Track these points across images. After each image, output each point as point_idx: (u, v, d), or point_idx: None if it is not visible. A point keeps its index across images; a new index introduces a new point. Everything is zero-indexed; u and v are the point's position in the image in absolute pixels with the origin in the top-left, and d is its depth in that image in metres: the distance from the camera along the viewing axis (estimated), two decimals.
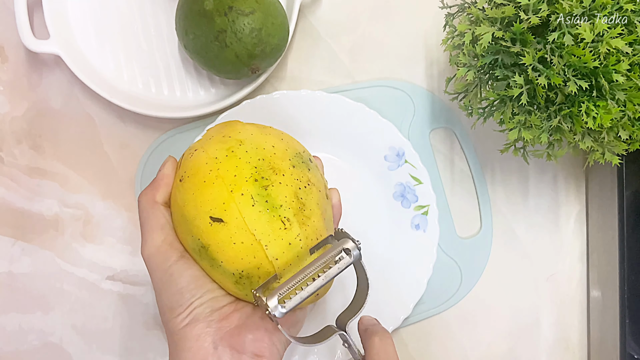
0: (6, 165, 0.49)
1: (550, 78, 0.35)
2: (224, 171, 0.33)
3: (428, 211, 0.47)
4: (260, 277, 0.33)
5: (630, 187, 0.44)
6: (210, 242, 0.33)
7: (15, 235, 0.49)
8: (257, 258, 0.32)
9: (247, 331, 0.33)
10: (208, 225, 0.32)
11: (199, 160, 0.34)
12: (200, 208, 0.33)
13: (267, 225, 0.32)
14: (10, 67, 0.50)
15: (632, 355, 0.43)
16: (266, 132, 0.36)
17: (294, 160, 0.35)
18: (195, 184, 0.33)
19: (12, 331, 0.48)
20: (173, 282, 0.33)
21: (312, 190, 0.35)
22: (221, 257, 0.33)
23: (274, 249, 0.32)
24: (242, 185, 0.32)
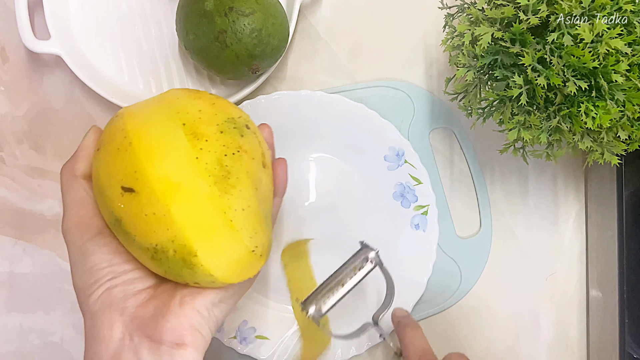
0: (7, 165, 0.49)
1: (549, 78, 0.35)
2: (137, 138, 0.30)
3: (428, 211, 0.47)
4: (176, 250, 0.29)
5: (630, 187, 0.44)
6: (122, 215, 0.30)
7: (16, 235, 0.49)
8: (170, 230, 0.29)
9: (165, 320, 0.30)
10: (120, 195, 0.30)
11: (115, 127, 0.32)
12: (113, 177, 0.30)
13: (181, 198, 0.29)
14: (11, 68, 0.50)
15: (631, 355, 0.43)
16: (196, 97, 0.34)
17: (223, 126, 0.32)
18: (108, 152, 0.31)
19: (13, 331, 0.48)
20: (84, 259, 0.31)
21: (241, 157, 0.32)
22: (134, 231, 0.30)
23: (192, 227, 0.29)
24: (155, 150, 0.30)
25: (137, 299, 0.31)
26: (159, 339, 0.29)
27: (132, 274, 0.31)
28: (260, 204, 0.33)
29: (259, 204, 0.33)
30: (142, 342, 0.29)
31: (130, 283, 0.31)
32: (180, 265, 0.30)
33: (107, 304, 0.30)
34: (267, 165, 0.35)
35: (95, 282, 0.31)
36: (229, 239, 0.30)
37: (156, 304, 0.31)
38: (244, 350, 0.45)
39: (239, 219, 0.31)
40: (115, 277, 0.31)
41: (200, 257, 0.30)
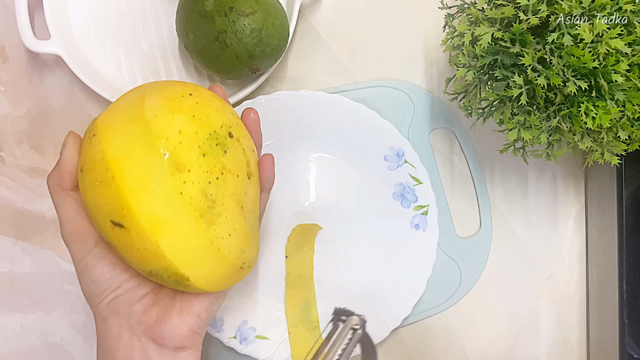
0: (7, 165, 0.49)
1: (549, 78, 0.35)
2: (119, 173, 0.30)
3: (428, 211, 0.47)
4: (170, 275, 0.31)
5: (630, 187, 0.44)
6: (115, 243, 0.31)
7: (16, 235, 0.49)
8: (161, 262, 0.31)
9: (167, 327, 0.33)
10: (110, 227, 0.31)
11: (95, 153, 0.31)
12: (101, 210, 0.31)
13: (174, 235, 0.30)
14: (11, 68, 0.50)
15: (631, 355, 0.43)
16: (173, 110, 0.31)
17: (205, 146, 0.31)
18: (92, 181, 0.31)
19: (13, 331, 0.48)
20: (88, 272, 0.33)
21: (226, 179, 0.32)
22: (129, 258, 0.31)
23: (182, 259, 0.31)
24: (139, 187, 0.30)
25: (141, 305, 0.34)
26: (162, 343, 0.33)
27: (133, 281, 0.34)
28: (246, 220, 0.34)
29: (246, 221, 0.34)
30: (149, 344, 0.33)
31: (134, 290, 0.34)
32: (174, 284, 0.32)
33: (114, 310, 0.33)
34: (253, 172, 0.35)
35: (101, 292, 0.33)
36: (217, 264, 0.32)
37: (158, 310, 0.34)
38: (244, 350, 0.45)
39: (226, 245, 0.32)
40: (118, 287, 0.33)
41: (192, 280, 0.32)
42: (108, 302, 0.33)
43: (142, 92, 0.33)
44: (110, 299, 0.33)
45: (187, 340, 0.34)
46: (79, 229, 0.33)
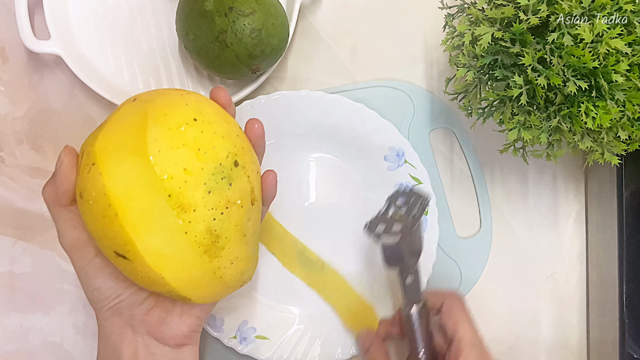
0: (7, 165, 0.49)
1: (549, 78, 0.35)
2: (122, 211, 0.29)
3: (428, 211, 0.47)
4: (172, 295, 0.33)
5: (630, 187, 0.44)
6: (120, 267, 0.32)
7: (16, 235, 0.49)
8: (165, 288, 0.31)
9: (168, 328, 0.35)
10: (114, 256, 0.31)
11: (96, 185, 0.30)
12: (104, 241, 0.31)
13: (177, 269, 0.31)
14: (11, 67, 0.50)
15: (631, 355, 0.43)
16: (177, 144, 0.30)
17: (211, 182, 0.31)
18: (94, 214, 0.30)
19: (12, 331, 0.48)
20: (89, 281, 0.34)
21: (230, 213, 0.31)
22: (133, 279, 0.32)
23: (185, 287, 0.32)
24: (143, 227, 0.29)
25: (143, 307, 0.35)
26: (164, 342, 0.35)
27: (132, 287, 0.35)
28: (247, 245, 0.34)
29: (247, 246, 0.34)
30: (151, 340, 0.35)
31: (135, 294, 0.35)
32: (177, 298, 0.33)
33: (117, 313, 0.34)
34: (257, 197, 0.34)
35: (104, 299, 0.34)
36: (219, 289, 0.34)
37: (159, 312, 0.35)
38: (244, 351, 0.45)
39: (228, 273, 0.33)
40: (121, 294, 0.34)
41: (193, 299, 0.33)
42: (110, 307, 0.34)
43: (144, 114, 0.31)
44: (113, 304, 0.34)
45: (187, 339, 0.36)
46: (78, 241, 0.33)
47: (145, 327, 0.35)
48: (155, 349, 0.35)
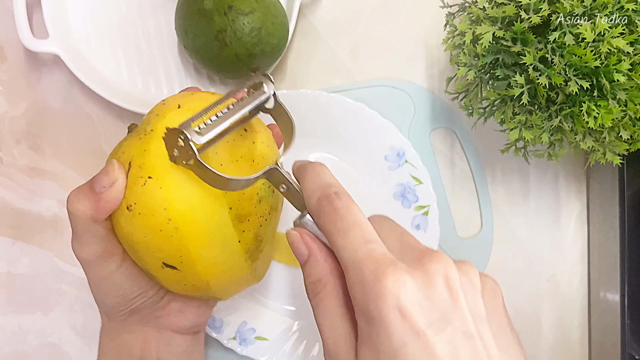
0: (5, 165, 0.49)
1: (551, 78, 0.35)
2: (184, 226, 0.29)
3: (428, 211, 0.47)
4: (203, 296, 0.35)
5: (632, 187, 0.44)
6: (158, 277, 0.32)
7: (14, 236, 0.48)
8: (205, 292, 0.33)
9: (185, 318, 0.36)
10: (159, 267, 0.30)
11: (154, 199, 0.29)
12: (153, 254, 0.30)
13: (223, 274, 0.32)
14: (9, 67, 0.50)
15: (632, 356, 0.43)
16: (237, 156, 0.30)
17: (262, 192, 0.32)
18: (149, 227, 0.29)
19: (11, 331, 0.48)
20: (115, 288, 0.33)
21: (271, 217, 0.33)
22: (167, 286, 0.33)
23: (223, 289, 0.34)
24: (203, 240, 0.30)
25: (161, 305, 0.35)
26: (182, 331, 0.36)
27: (154, 288, 0.35)
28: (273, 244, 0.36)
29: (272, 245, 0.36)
30: (167, 332, 0.35)
31: (154, 296, 0.35)
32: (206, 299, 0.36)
33: (134, 313, 0.34)
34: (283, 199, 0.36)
35: (125, 303, 0.34)
36: (247, 286, 0.36)
37: (178, 305, 0.36)
38: (244, 352, 0.45)
39: (260, 271, 0.36)
40: (143, 297, 0.34)
41: (222, 299, 0.35)
42: (130, 308, 0.34)
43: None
44: (134, 306, 0.34)
45: (202, 325, 0.38)
46: (105, 252, 0.31)
47: (162, 320, 0.35)
48: (172, 340, 0.36)
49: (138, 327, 0.35)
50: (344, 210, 0.26)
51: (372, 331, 0.23)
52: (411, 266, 0.24)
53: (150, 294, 0.34)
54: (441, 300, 0.24)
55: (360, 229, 0.26)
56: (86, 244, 0.31)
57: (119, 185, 0.29)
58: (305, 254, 0.28)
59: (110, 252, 0.32)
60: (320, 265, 0.28)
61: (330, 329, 0.26)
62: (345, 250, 0.25)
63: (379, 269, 0.23)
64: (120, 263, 0.32)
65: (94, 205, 0.29)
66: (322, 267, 0.27)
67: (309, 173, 0.29)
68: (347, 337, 0.25)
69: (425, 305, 0.23)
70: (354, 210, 0.27)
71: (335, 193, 0.27)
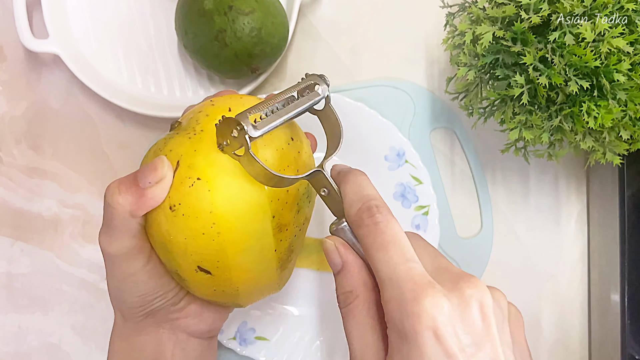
0: (5, 165, 0.49)
1: (551, 78, 0.35)
2: (227, 230, 0.29)
3: (428, 211, 0.47)
4: (226, 304, 0.34)
5: (632, 187, 0.44)
6: (188, 280, 0.31)
7: (14, 236, 0.48)
8: (231, 300, 0.33)
9: (205, 322, 0.35)
10: (193, 271, 0.30)
11: (201, 203, 0.28)
12: (190, 257, 0.29)
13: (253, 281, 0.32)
14: (9, 67, 0.50)
15: (633, 356, 0.43)
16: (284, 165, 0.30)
17: (301, 202, 0.32)
18: (191, 229, 0.29)
19: (11, 331, 0.48)
20: (137, 287, 0.32)
21: (304, 228, 0.33)
22: (194, 290, 0.32)
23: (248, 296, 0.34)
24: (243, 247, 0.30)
25: (178, 307, 0.34)
26: (198, 335, 0.35)
27: (174, 290, 0.34)
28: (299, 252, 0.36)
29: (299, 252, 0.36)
30: (182, 335, 0.35)
31: (174, 298, 0.34)
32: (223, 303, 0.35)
33: (152, 315, 0.34)
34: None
35: (145, 304, 0.33)
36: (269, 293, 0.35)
37: (195, 308, 0.35)
38: (244, 352, 0.45)
39: (285, 279, 0.35)
40: (162, 298, 0.33)
41: (243, 305, 0.35)
42: (149, 310, 0.33)
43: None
44: (152, 307, 0.33)
45: (217, 330, 0.37)
46: (134, 249, 0.31)
47: (179, 323, 0.34)
48: (187, 344, 0.35)
49: (153, 329, 0.34)
50: (384, 225, 0.27)
51: (403, 348, 0.24)
52: (447, 289, 0.25)
53: (170, 295, 0.33)
54: (475, 326, 0.24)
55: (400, 245, 0.26)
56: (117, 239, 0.30)
57: (165, 184, 0.29)
58: (339, 264, 0.29)
59: (139, 249, 0.31)
60: (354, 276, 0.28)
61: (359, 339, 0.27)
62: (383, 266, 0.26)
63: (417, 289, 0.24)
64: (146, 262, 0.31)
65: (136, 200, 0.29)
66: (356, 279, 0.28)
67: (351, 182, 0.30)
68: (376, 349, 0.26)
69: (459, 329, 0.24)
70: (394, 226, 0.27)
71: (377, 206, 0.28)
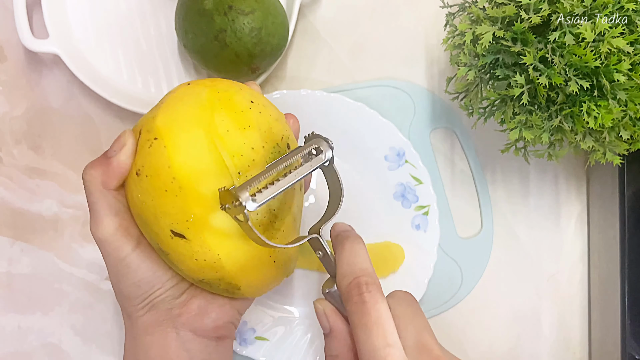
0: (5, 165, 0.49)
1: (551, 78, 0.35)
2: (187, 183, 0.28)
3: (429, 211, 0.47)
4: (221, 285, 0.32)
5: (632, 187, 0.44)
6: (170, 251, 0.31)
7: (14, 236, 0.48)
8: (219, 272, 0.31)
9: (209, 317, 0.34)
10: (168, 237, 0.30)
11: (159, 159, 0.29)
12: (161, 219, 0.29)
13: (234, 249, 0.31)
14: (9, 67, 0.50)
15: (633, 356, 0.43)
16: (244, 124, 0.31)
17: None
18: (155, 188, 0.29)
19: (11, 332, 0.48)
20: (130, 273, 0.32)
21: (286, 193, 0.32)
22: (181, 265, 0.31)
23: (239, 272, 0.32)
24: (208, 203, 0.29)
25: (180, 300, 0.34)
26: (203, 334, 0.34)
27: (173, 280, 0.33)
28: (296, 231, 0.34)
29: (295, 232, 0.34)
30: (187, 334, 0.33)
31: (174, 288, 0.33)
32: (222, 291, 0.33)
33: (152, 310, 0.33)
34: (301, 184, 0.35)
35: (142, 293, 0.33)
36: (269, 274, 0.33)
37: (199, 302, 0.34)
38: (244, 352, 0.45)
39: (280, 256, 0.33)
40: (160, 287, 0.33)
41: (242, 289, 0.32)
42: (148, 303, 0.33)
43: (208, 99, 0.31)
44: (151, 299, 0.33)
45: (226, 331, 0.35)
46: (120, 229, 0.31)
47: (183, 319, 0.33)
48: (192, 345, 0.33)
49: (157, 329, 0.33)
50: (371, 306, 0.29)
51: None
52: None
53: (168, 285, 0.33)
54: None
55: (383, 329, 0.28)
56: (101, 220, 0.31)
57: (127, 149, 0.30)
58: (327, 328, 0.32)
59: (125, 230, 0.31)
60: (341, 342, 0.31)
61: None
62: (364, 346, 0.28)
63: None
64: (135, 244, 0.32)
65: (105, 169, 0.31)
66: (342, 344, 0.31)
67: (347, 250, 0.32)
68: None
69: None
70: (380, 308, 0.29)
71: (366, 284, 0.30)
